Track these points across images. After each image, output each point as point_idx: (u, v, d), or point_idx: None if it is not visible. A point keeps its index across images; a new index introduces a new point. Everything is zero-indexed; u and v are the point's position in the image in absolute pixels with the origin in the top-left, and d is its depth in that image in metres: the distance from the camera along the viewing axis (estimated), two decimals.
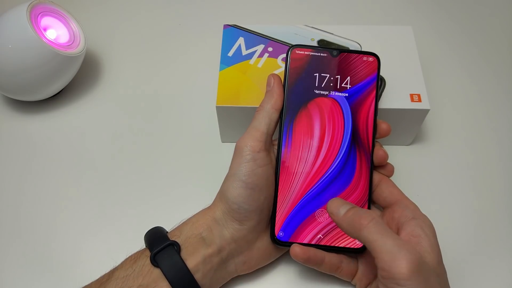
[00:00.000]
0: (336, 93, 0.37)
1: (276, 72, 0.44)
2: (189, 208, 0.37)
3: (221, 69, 0.45)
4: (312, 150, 0.36)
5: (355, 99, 0.37)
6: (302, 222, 0.36)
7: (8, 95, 0.50)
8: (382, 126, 0.37)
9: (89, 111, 0.51)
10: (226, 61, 0.45)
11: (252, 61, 0.45)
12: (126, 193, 0.45)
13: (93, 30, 0.57)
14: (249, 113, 0.42)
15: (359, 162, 0.37)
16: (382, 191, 0.37)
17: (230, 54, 0.46)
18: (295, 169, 0.36)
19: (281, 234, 0.36)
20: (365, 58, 0.37)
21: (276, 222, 0.36)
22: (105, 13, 0.61)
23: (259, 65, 0.45)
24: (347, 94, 0.37)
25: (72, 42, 0.50)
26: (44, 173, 0.46)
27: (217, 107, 0.43)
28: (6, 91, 0.49)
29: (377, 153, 0.37)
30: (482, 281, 0.39)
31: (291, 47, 0.38)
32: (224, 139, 0.48)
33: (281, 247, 0.36)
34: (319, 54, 0.37)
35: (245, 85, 0.43)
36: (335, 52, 0.37)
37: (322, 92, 0.37)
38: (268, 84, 0.38)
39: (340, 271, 0.36)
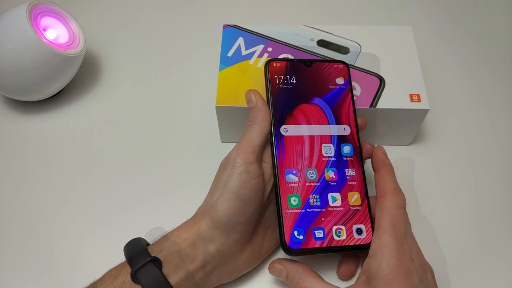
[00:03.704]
0: (317, 99, 0.39)
1: None
2: (189, 208, 0.37)
3: (220, 69, 0.45)
4: (305, 155, 0.37)
5: (334, 102, 0.39)
6: (309, 227, 0.35)
7: (8, 95, 0.50)
8: (358, 120, 0.39)
9: (89, 111, 0.51)
10: (225, 61, 0.45)
11: (251, 61, 0.45)
12: (126, 193, 0.45)
13: (93, 30, 0.57)
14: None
15: (350, 158, 0.38)
16: (376, 182, 0.37)
17: (230, 54, 0.46)
18: (292, 176, 0.36)
19: (292, 242, 0.35)
20: (335, 66, 0.41)
21: (284, 231, 0.35)
22: (105, 13, 0.61)
23: (259, 65, 0.45)
24: (327, 99, 0.39)
25: (72, 42, 0.50)
26: (44, 173, 0.46)
27: (217, 107, 0.43)
28: (6, 91, 0.49)
29: (364, 147, 0.38)
30: (482, 281, 0.39)
31: (267, 61, 0.39)
32: (224, 139, 0.48)
33: (294, 256, 0.36)
34: (293, 65, 0.40)
35: (244, 85, 0.43)
36: (308, 63, 0.40)
37: (304, 99, 0.39)
38: (249, 101, 0.38)
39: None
